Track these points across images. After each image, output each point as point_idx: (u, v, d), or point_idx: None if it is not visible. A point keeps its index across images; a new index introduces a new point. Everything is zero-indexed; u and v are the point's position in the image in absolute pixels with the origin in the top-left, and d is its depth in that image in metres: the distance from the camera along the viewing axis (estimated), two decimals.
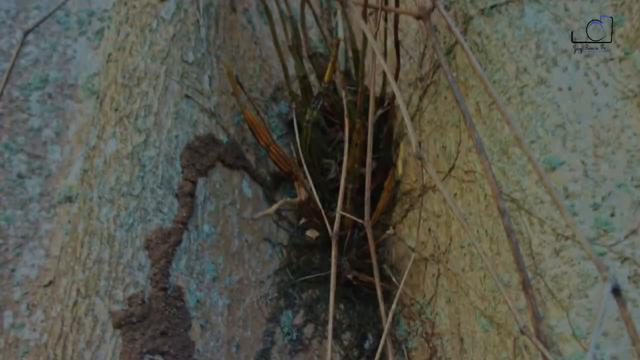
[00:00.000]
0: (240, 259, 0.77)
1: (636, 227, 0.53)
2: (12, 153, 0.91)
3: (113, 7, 0.98)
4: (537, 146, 0.60)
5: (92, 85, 0.94)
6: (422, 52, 0.84)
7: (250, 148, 0.85)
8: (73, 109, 0.95)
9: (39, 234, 0.88)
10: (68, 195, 0.87)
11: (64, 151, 0.92)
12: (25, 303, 0.84)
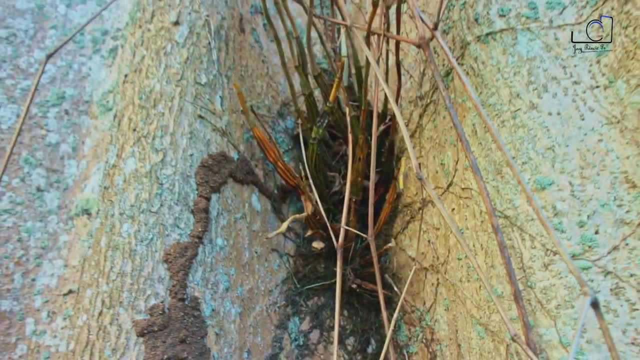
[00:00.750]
0: (250, 270, 0.82)
1: (618, 244, 0.59)
2: (32, 167, 0.97)
3: (126, 27, 1.03)
4: (528, 167, 0.65)
5: (107, 102, 1.00)
6: (422, 71, 0.90)
7: (259, 163, 0.91)
8: (88, 125, 1.00)
9: (57, 245, 0.93)
10: (85, 208, 0.92)
11: (80, 165, 0.98)
12: (46, 311, 0.89)
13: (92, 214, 0.90)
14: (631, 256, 0.58)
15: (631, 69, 0.61)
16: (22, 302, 0.90)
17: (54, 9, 1.07)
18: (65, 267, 0.92)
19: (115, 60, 1.03)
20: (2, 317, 0.88)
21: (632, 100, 0.60)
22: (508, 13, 0.73)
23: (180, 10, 0.87)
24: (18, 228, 0.92)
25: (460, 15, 0.78)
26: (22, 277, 0.90)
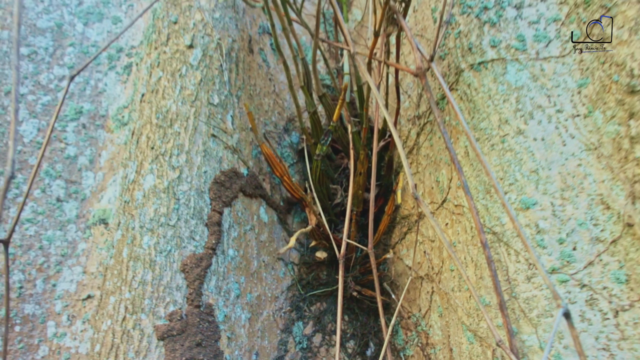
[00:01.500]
0: (258, 277, 0.89)
1: (593, 259, 0.66)
2: (52, 179, 1.04)
3: (140, 45, 1.10)
4: (514, 188, 0.73)
5: (122, 117, 1.07)
6: (419, 93, 0.97)
7: (266, 177, 0.98)
8: (104, 138, 1.07)
9: (76, 253, 1.01)
10: (102, 217, 1.00)
11: (97, 177, 1.05)
12: (66, 314, 0.96)
13: (109, 223, 0.97)
14: (604, 271, 0.65)
15: (607, 101, 0.68)
16: (43, 306, 0.97)
17: (72, 28, 1.15)
18: (83, 273, 0.99)
19: (130, 76, 1.10)
20: (25, 320, 0.95)
21: (607, 130, 0.68)
22: (499, 44, 0.80)
23: (194, 34, 0.94)
24: (40, 236, 0.99)
25: (455, 44, 0.86)
26: (43, 282, 0.98)
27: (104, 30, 1.15)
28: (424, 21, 0.97)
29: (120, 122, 1.06)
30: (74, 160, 1.06)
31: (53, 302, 0.98)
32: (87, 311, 0.94)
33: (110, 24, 1.16)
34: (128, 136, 1.01)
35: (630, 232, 0.63)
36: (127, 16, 1.17)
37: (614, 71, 0.67)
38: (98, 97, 1.11)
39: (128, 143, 0.95)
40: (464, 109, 0.82)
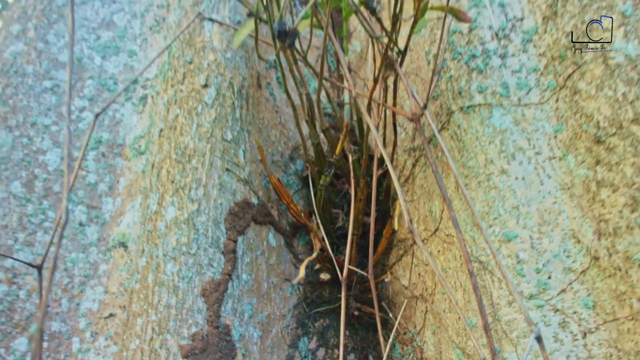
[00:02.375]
0: (268, 298, 1.00)
1: (565, 287, 0.77)
2: (74, 205, 1.14)
3: (155, 78, 1.20)
4: (498, 222, 0.83)
5: (139, 146, 1.17)
6: (415, 127, 1.08)
7: (274, 204, 1.08)
8: (122, 166, 1.17)
9: (98, 274, 1.10)
10: (121, 241, 1.10)
11: (116, 202, 1.15)
12: (90, 331, 1.06)
13: (128, 246, 1.07)
14: (575, 297, 0.76)
15: (578, 147, 0.79)
16: (68, 323, 1.07)
17: (91, 61, 1.24)
18: (105, 293, 1.09)
19: (146, 107, 1.20)
20: (52, 337, 1.05)
21: (578, 173, 0.79)
22: (485, 90, 0.91)
23: (208, 74, 1.05)
24: (64, 259, 1.09)
25: (447, 86, 0.96)
26: (68, 301, 1.07)
27: (120, 63, 1.25)
28: (419, 61, 1.08)
29: (137, 150, 1.16)
30: (94, 187, 1.16)
31: (77, 319, 1.08)
32: (110, 328, 1.04)
33: (126, 57, 1.26)
34: (146, 166, 1.11)
35: (597, 264, 0.74)
36: (141, 49, 1.27)
37: (584, 121, 0.78)
38: (116, 127, 1.21)
39: (147, 173, 1.05)
40: (454, 147, 0.93)
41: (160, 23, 1.28)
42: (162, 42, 1.25)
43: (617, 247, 0.71)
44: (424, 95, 1.03)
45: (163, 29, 1.26)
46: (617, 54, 0.76)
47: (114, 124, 1.21)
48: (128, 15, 1.30)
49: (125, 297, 1.01)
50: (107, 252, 1.11)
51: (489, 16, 0.93)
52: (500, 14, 0.94)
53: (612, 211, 0.72)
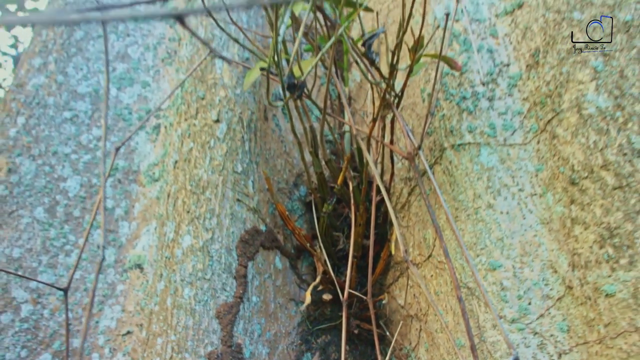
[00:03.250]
0: (275, 317, 1.10)
1: (543, 312, 0.87)
2: (94, 229, 1.24)
3: (168, 108, 1.30)
4: (484, 252, 0.94)
5: (153, 173, 1.27)
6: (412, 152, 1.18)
7: (280, 230, 1.19)
8: (137, 192, 1.28)
9: (115, 293, 1.20)
10: (137, 262, 1.20)
11: (132, 226, 1.25)
12: (108, 347, 1.16)
13: (144, 267, 1.17)
14: (552, 322, 0.86)
15: (556, 186, 0.90)
16: (88, 340, 1.17)
17: None
18: (122, 311, 1.19)
19: (159, 136, 1.30)
20: (74, 353, 1.15)
21: (556, 210, 0.89)
22: (474, 130, 1.01)
23: (219, 110, 1.15)
24: (84, 279, 1.19)
25: (440, 124, 1.07)
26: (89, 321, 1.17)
27: (134, 93, 1.35)
28: (414, 97, 1.18)
29: (152, 177, 1.27)
30: (111, 212, 1.26)
31: (97, 336, 1.18)
32: (127, 345, 1.14)
33: (140, 88, 1.36)
34: (160, 192, 1.21)
35: (571, 293, 0.85)
36: (154, 80, 1.38)
37: (561, 163, 0.89)
38: (131, 155, 1.31)
39: (163, 202, 1.15)
40: (446, 181, 1.03)
41: (172, 55, 1.39)
42: (174, 74, 1.35)
43: (587, 278, 0.82)
44: (419, 130, 1.14)
45: (175, 62, 1.37)
46: (589, 105, 0.86)
47: (129, 152, 1.31)
48: (141, 48, 1.40)
49: (142, 316, 1.11)
50: (124, 273, 1.21)
51: (478, 63, 1.03)
52: (489, 59, 1.04)
53: (584, 246, 0.83)
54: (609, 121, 0.84)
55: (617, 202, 0.80)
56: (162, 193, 1.19)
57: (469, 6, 1.10)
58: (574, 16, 0.93)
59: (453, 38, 1.09)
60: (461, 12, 1.10)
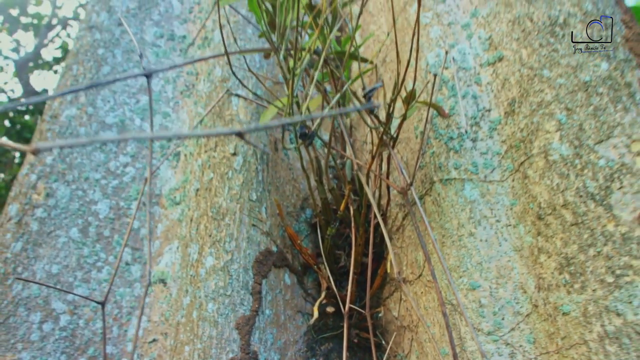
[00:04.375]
0: (284, 327, 1.29)
1: (514, 326, 1.07)
2: (121, 247, 1.42)
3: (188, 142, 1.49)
4: (466, 274, 1.13)
5: (174, 197, 1.46)
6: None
7: (289, 249, 1.38)
8: (160, 214, 1.46)
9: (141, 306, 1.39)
10: (161, 277, 1.38)
11: (155, 245, 1.43)
12: (136, 354, 1.35)
13: (167, 282, 1.35)
14: (521, 334, 1.06)
15: (526, 219, 1.09)
16: (118, 347, 1.36)
17: (132, 122, 1.53)
18: (148, 321, 1.37)
19: (179, 163, 1.49)
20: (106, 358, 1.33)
21: (526, 239, 1.08)
22: (460, 167, 1.20)
23: (236, 144, 1.34)
24: (114, 293, 1.38)
25: (430, 160, 1.26)
26: (118, 329, 1.36)
27: (156, 123, 1.54)
28: (409, 132, 1.37)
29: (173, 201, 1.45)
30: (137, 232, 1.44)
31: (125, 343, 1.37)
32: (153, 351, 1.32)
33: (161, 118, 1.55)
34: (181, 215, 1.39)
35: (536, 310, 1.04)
36: (173, 111, 1.56)
37: (530, 200, 1.08)
38: (154, 180, 1.49)
39: (186, 225, 1.33)
40: (434, 211, 1.22)
41: (190, 88, 1.57)
42: (192, 105, 1.54)
43: (549, 299, 1.01)
44: (412, 162, 1.33)
45: (193, 94, 1.56)
46: (554, 152, 1.06)
47: (152, 176, 1.50)
48: (162, 81, 1.59)
49: (167, 325, 1.30)
50: (149, 287, 1.40)
51: (463, 107, 1.22)
52: (473, 104, 1.23)
53: (547, 272, 1.02)
54: (569, 167, 1.03)
55: (574, 237, 0.99)
56: (183, 216, 1.38)
57: (456, 55, 1.28)
58: (543, 73, 1.12)
59: (443, 83, 1.28)
60: (450, 60, 1.29)
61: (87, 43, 1.59)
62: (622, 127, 1.01)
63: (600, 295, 0.93)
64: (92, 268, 1.38)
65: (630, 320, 0.90)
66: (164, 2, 1.69)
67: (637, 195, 0.95)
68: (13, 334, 1.27)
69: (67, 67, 1.57)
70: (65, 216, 1.40)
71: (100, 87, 1.53)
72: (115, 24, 1.62)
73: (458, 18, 1.32)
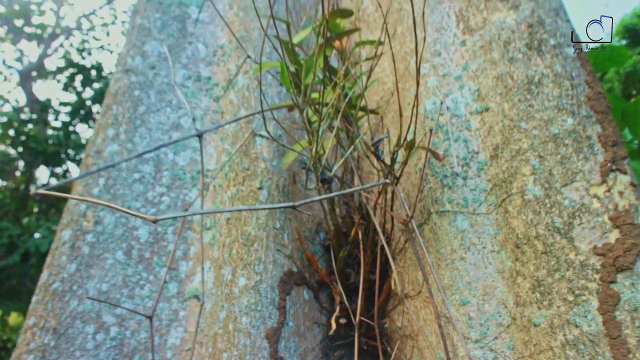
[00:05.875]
0: (304, 337, 1.57)
1: (497, 335, 1.35)
2: (160, 267, 1.70)
3: (215, 170, 1.76)
4: (457, 292, 1.42)
5: (205, 223, 1.73)
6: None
7: (306, 269, 1.66)
8: (192, 237, 1.74)
9: (178, 318, 1.67)
10: (195, 294, 1.66)
11: (189, 265, 1.71)
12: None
13: (200, 298, 1.63)
14: (503, 342, 1.34)
15: (507, 247, 1.37)
16: (159, 354, 1.64)
17: (166, 156, 1.81)
18: (185, 332, 1.65)
19: (208, 193, 1.76)
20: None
21: (507, 264, 1.37)
22: (452, 201, 1.49)
23: (261, 179, 1.62)
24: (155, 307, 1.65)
25: (427, 194, 1.54)
26: (159, 338, 1.64)
27: (187, 157, 1.82)
28: (409, 168, 1.66)
29: (204, 226, 1.73)
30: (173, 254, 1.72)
31: (165, 351, 1.65)
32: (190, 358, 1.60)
33: (191, 152, 1.83)
34: (213, 240, 1.67)
35: (515, 322, 1.33)
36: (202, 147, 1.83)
37: (510, 231, 1.37)
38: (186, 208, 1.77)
39: (218, 248, 1.61)
40: (432, 238, 1.51)
41: None
42: (219, 141, 1.82)
43: (524, 313, 1.30)
44: (413, 193, 1.61)
45: (219, 131, 1.84)
46: (529, 193, 1.34)
47: (184, 205, 1.78)
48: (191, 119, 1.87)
49: (202, 335, 1.58)
50: (184, 302, 1.68)
51: (456, 149, 1.51)
52: (464, 147, 1.52)
53: (523, 291, 1.31)
54: (541, 205, 1.32)
55: (543, 263, 1.28)
56: (215, 240, 1.66)
57: (450, 104, 1.57)
58: (521, 125, 1.41)
59: (438, 128, 1.57)
60: (445, 108, 1.57)
61: (124, 85, 1.86)
62: (582, 174, 1.29)
63: (563, 311, 1.22)
64: (135, 286, 1.66)
65: (586, 330, 1.18)
66: (190, 46, 1.97)
67: (592, 230, 1.24)
68: (72, 343, 1.55)
69: (107, 107, 1.85)
70: (111, 241, 1.67)
71: (139, 125, 1.81)
72: (148, 67, 1.90)
73: (452, 70, 1.61)
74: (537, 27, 1.47)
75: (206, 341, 1.56)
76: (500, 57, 1.50)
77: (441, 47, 1.65)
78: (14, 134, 4.92)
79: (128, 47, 1.93)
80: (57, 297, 1.60)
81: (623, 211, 1.22)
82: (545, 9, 1.50)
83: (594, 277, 1.20)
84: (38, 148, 4.76)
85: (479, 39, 1.56)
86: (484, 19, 1.57)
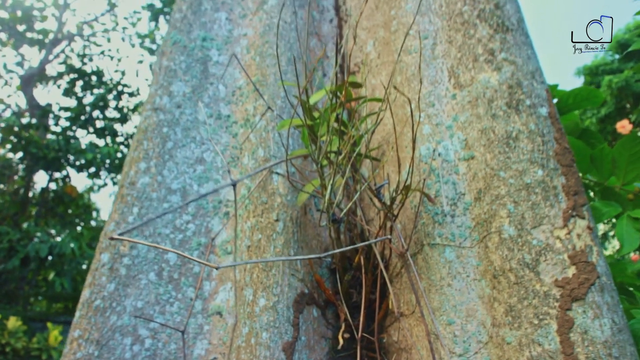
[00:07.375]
0: (313, 349, 1.91)
1: (477, 351, 1.69)
2: (187, 287, 2.03)
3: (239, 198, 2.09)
4: (445, 313, 1.75)
5: (226, 248, 2.06)
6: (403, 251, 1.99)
7: (315, 290, 1.99)
8: (215, 260, 2.07)
9: (203, 332, 2.00)
10: (217, 310, 1.99)
11: (212, 284, 2.04)
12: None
13: (222, 314, 1.96)
14: (482, 356, 1.68)
15: (487, 276, 1.71)
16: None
17: (191, 187, 2.14)
18: (209, 344, 1.98)
19: (229, 221, 2.09)
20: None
21: (486, 291, 1.71)
22: (442, 235, 1.82)
23: (278, 212, 1.95)
24: (183, 322, 1.98)
25: (421, 228, 1.88)
26: (187, 349, 1.97)
27: (210, 188, 2.14)
28: (406, 203, 1.99)
29: (225, 251, 2.06)
30: (197, 274, 2.05)
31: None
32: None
33: (213, 184, 2.16)
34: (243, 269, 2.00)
35: (491, 340, 1.67)
36: (223, 178, 2.17)
37: (489, 264, 1.71)
38: (209, 234, 2.10)
39: (239, 272, 1.94)
40: (424, 266, 1.85)
41: (235, 160, 2.18)
42: (238, 175, 2.15)
43: (499, 333, 1.64)
44: (410, 225, 1.94)
45: (238, 165, 2.17)
46: (505, 232, 1.68)
47: (207, 231, 2.11)
48: (213, 154, 2.20)
49: (224, 347, 1.91)
50: (208, 317, 2.00)
51: (445, 190, 1.84)
52: (453, 189, 1.86)
53: (498, 314, 1.65)
54: (514, 243, 1.66)
55: (515, 292, 1.62)
56: (242, 269, 1.98)
57: (442, 150, 1.90)
58: (500, 174, 1.74)
59: (431, 171, 1.90)
60: (438, 154, 1.91)
61: (153, 122, 2.18)
62: (548, 218, 1.63)
63: (529, 332, 1.56)
64: (166, 303, 1.99)
65: (547, 348, 1.52)
66: (212, 87, 2.29)
67: (555, 266, 1.58)
68: (112, 353, 1.88)
69: (138, 142, 2.17)
70: (145, 263, 2.00)
71: (168, 160, 2.13)
72: (175, 106, 2.22)
73: (444, 120, 1.95)
74: (515, 88, 1.81)
75: (228, 352, 1.89)
76: (485, 112, 1.84)
77: (435, 98, 1.98)
78: (15, 140, 5.21)
79: (156, 87, 2.25)
80: (98, 312, 1.92)
81: (579, 251, 1.57)
82: (523, 71, 1.84)
83: (554, 305, 1.54)
84: (38, 153, 4.98)
85: (467, 94, 1.90)
86: (471, 77, 1.91)
